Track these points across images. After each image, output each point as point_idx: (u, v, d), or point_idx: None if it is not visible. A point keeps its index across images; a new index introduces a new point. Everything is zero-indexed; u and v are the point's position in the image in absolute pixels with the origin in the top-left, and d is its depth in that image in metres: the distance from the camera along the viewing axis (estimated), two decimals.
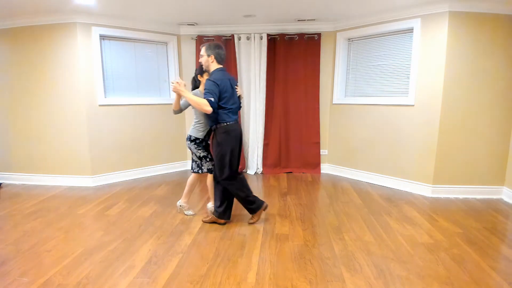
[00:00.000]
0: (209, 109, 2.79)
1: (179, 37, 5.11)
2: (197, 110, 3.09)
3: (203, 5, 3.82)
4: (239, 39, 4.98)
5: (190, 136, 3.24)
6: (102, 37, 4.43)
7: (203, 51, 2.97)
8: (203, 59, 2.99)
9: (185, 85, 2.96)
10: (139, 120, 4.85)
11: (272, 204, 3.77)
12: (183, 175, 5.04)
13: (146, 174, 5.00)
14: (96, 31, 4.31)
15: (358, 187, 4.42)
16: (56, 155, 4.50)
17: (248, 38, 4.96)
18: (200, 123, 3.21)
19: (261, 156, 5.18)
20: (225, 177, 3.03)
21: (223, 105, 2.93)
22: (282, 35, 4.85)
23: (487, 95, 3.79)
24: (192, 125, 3.25)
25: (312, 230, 3.06)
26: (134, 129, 4.83)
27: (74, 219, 3.34)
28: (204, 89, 2.86)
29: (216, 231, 3.04)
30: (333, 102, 4.99)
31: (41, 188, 4.41)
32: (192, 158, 3.36)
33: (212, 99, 2.80)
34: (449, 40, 3.70)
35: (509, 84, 3.77)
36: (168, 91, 5.15)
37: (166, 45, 5.06)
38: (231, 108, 2.99)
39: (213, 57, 2.95)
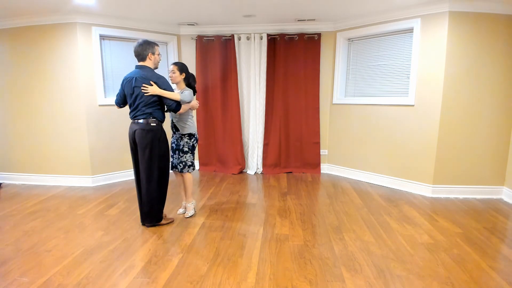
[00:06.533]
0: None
1: (179, 37, 5.11)
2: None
3: (203, 5, 3.82)
4: (239, 39, 4.98)
5: (195, 133, 3.31)
6: (102, 37, 4.43)
7: None
8: None
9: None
10: None
11: (272, 204, 3.77)
12: None
13: None
14: (96, 31, 4.30)
15: (358, 187, 4.42)
16: (56, 155, 4.50)
17: (248, 38, 4.96)
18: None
19: (261, 156, 5.18)
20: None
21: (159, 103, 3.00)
22: (282, 35, 4.85)
23: (487, 95, 3.79)
24: (185, 122, 3.22)
25: (312, 230, 3.06)
26: None
27: (74, 219, 3.34)
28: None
29: (216, 231, 3.04)
30: (333, 102, 4.99)
31: (41, 188, 4.41)
32: (180, 158, 3.28)
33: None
34: (449, 40, 3.70)
35: (509, 84, 3.77)
36: None
37: (166, 45, 5.06)
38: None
39: None
